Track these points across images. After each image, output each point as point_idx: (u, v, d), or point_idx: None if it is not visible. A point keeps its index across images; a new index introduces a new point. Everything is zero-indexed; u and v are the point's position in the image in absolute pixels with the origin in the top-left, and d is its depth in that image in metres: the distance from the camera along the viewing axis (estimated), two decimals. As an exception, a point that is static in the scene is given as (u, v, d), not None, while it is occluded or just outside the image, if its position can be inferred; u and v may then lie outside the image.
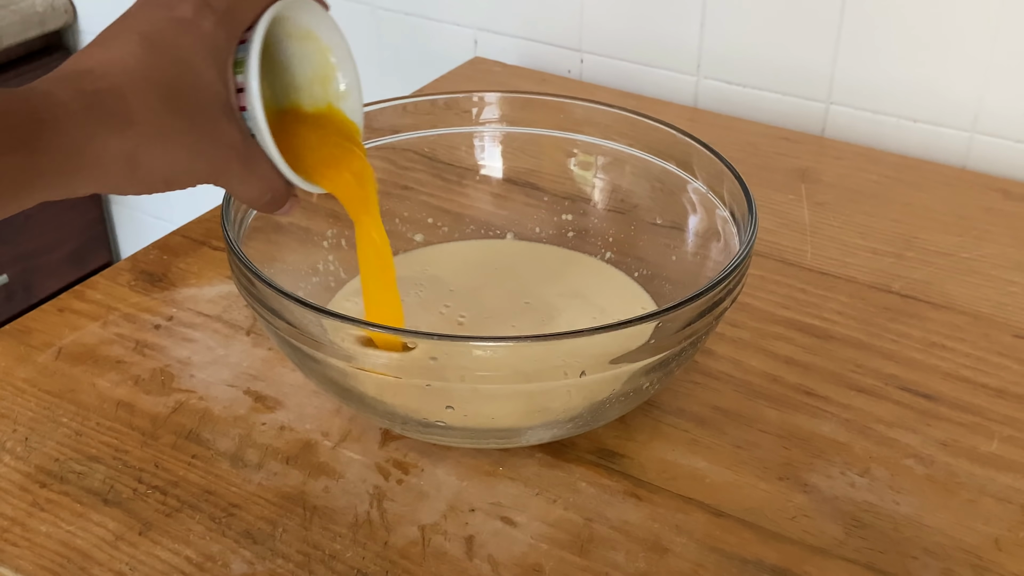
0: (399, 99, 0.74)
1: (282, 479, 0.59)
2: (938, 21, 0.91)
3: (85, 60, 0.49)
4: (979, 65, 0.91)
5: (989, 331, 0.71)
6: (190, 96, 0.50)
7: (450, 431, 0.59)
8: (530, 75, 1.08)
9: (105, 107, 0.47)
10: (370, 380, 0.58)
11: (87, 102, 0.47)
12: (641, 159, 0.72)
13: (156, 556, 0.55)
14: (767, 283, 0.75)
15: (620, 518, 0.57)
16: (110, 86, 0.47)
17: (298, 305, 0.54)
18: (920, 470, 0.61)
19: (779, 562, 0.55)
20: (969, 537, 0.57)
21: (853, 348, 0.69)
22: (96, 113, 0.47)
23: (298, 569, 0.54)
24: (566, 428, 0.59)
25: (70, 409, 0.64)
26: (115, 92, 0.47)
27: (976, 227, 0.83)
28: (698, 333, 0.57)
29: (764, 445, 0.62)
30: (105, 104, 0.47)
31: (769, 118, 1.01)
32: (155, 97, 0.48)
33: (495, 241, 0.77)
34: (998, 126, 0.92)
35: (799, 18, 0.97)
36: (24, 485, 0.59)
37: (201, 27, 0.50)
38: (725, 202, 0.66)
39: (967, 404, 0.65)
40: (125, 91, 0.48)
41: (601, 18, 1.07)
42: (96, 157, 0.47)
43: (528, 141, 0.76)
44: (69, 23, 1.43)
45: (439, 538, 0.56)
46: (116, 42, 0.49)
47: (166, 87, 0.49)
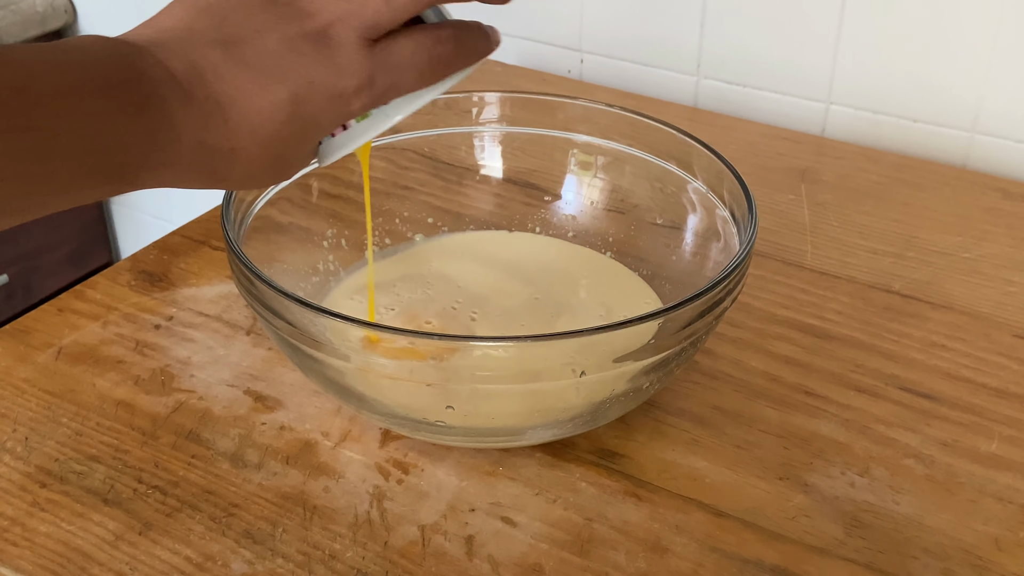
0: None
1: (282, 479, 0.59)
2: (938, 21, 0.91)
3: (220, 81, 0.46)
4: (979, 65, 0.91)
5: (989, 331, 0.71)
6: (293, 162, 0.50)
7: (450, 431, 0.59)
8: (530, 75, 1.08)
9: (213, 163, 0.47)
10: (370, 380, 0.58)
11: (201, 149, 0.46)
12: (641, 159, 0.72)
13: (156, 556, 0.55)
14: (767, 283, 0.75)
15: (620, 518, 0.57)
16: (231, 146, 0.46)
17: (298, 305, 0.54)
18: (920, 470, 0.61)
19: (779, 562, 0.55)
20: (969, 537, 0.57)
21: (853, 348, 0.69)
22: (203, 164, 0.46)
23: (298, 569, 0.54)
24: (566, 428, 0.59)
25: (70, 409, 0.64)
26: (231, 155, 0.47)
27: (976, 227, 0.83)
28: (698, 333, 0.57)
29: (764, 445, 0.62)
30: (214, 161, 0.47)
31: (769, 118, 1.01)
32: (261, 162, 0.48)
33: (496, 233, 0.76)
34: (998, 126, 0.92)
35: (799, 18, 0.97)
36: (24, 485, 0.59)
37: (351, 107, 0.49)
38: (725, 202, 0.66)
39: (967, 404, 0.65)
40: (237, 152, 0.47)
41: (601, 18, 1.07)
42: (178, 182, 0.47)
43: (528, 141, 0.76)
44: (69, 23, 1.43)
45: (439, 538, 0.56)
46: (262, 79, 0.47)
47: (277, 157, 0.48)
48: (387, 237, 0.75)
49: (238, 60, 0.46)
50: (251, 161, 0.48)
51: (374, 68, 0.48)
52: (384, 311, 0.68)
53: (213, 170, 0.47)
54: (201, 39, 0.46)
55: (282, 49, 0.47)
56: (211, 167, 0.47)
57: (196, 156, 0.46)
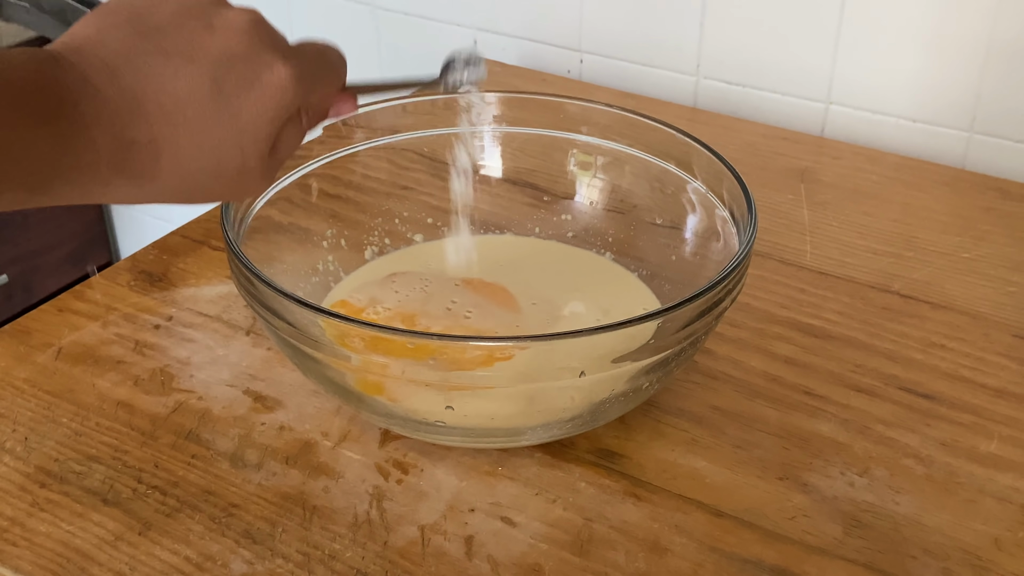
0: (399, 99, 0.74)
1: (282, 479, 0.59)
2: (938, 21, 0.91)
3: (139, 65, 0.44)
4: (978, 65, 0.91)
5: (989, 331, 0.71)
6: (231, 174, 0.47)
7: (450, 431, 0.59)
8: (530, 75, 1.08)
9: (135, 159, 0.44)
10: (370, 380, 0.58)
11: (119, 146, 0.44)
12: (641, 159, 0.72)
13: (156, 556, 0.55)
14: (767, 283, 0.75)
15: (620, 518, 0.57)
16: (150, 137, 0.44)
17: (298, 305, 0.54)
18: (920, 470, 0.61)
19: (779, 562, 0.55)
20: (969, 537, 0.57)
21: (853, 348, 0.69)
22: (125, 162, 0.44)
23: (298, 569, 0.54)
24: (566, 428, 0.59)
25: (70, 409, 0.64)
26: (151, 146, 0.45)
27: (975, 227, 0.83)
28: (698, 333, 0.57)
29: (764, 445, 0.62)
30: (136, 157, 0.45)
31: (769, 118, 1.01)
32: (190, 154, 0.46)
33: (496, 236, 0.76)
34: (997, 126, 0.92)
35: (799, 18, 0.97)
36: (24, 485, 0.59)
37: (283, 99, 0.47)
38: (725, 202, 0.66)
39: (967, 404, 0.65)
40: (159, 143, 0.45)
41: (601, 18, 1.07)
42: (107, 191, 0.45)
43: (528, 141, 0.76)
44: (69, 23, 1.42)
45: (439, 538, 0.56)
46: (178, 66, 0.45)
47: (211, 149, 0.46)
48: (387, 237, 0.75)
49: (153, 49, 0.45)
50: (178, 153, 0.45)
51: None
52: (381, 311, 0.68)
53: (138, 170, 0.45)
54: (115, 36, 0.45)
55: (200, 30, 0.46)
56: (134, 165, 0.45)
57: (116, 155, 0.44)
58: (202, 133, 0.46)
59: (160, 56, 0.45)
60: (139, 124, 0.44)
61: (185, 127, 0.45)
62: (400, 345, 0.55)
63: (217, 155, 0.47)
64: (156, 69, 0.45)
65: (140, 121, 0.44)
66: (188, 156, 0.46)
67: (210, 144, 0.46)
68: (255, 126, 0.47)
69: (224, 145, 0.47)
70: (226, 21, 0.47)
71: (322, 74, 0.52)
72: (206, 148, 0.46)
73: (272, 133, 0.48)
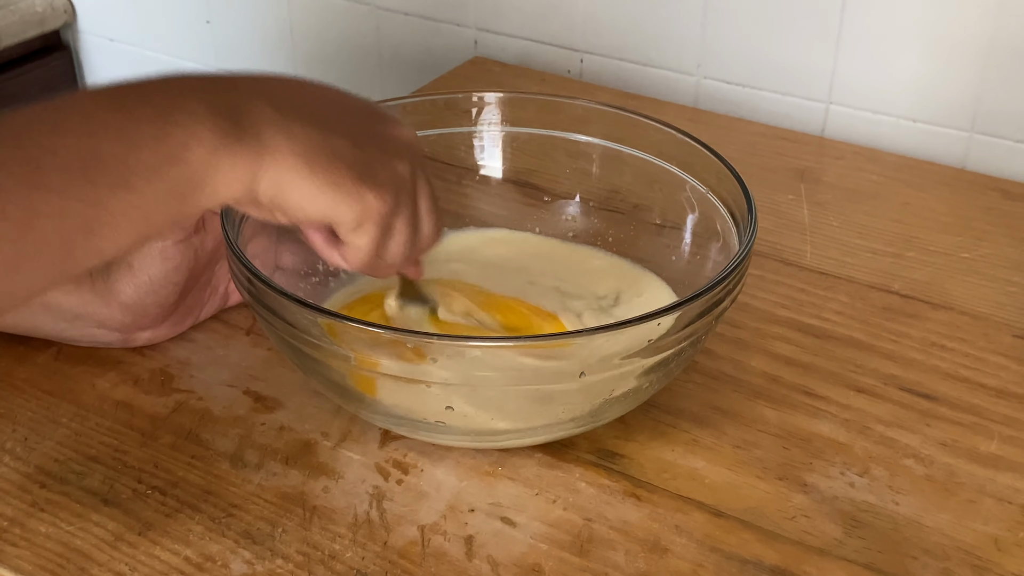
0: (399, 99, 0.74)
1: (282, 479, 0.59)
2: (938, 21, 0.91)
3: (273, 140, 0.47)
4: (978, 65, 0.91)
5: (989, 331, 0.71)
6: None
7: (450, 431, 0.59)
8: (530, 75, 1.08)
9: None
10: (370, 380, 0.58)
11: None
12: (641, 159, 0.72)
13: (156, 556, 0.55)
14: (767, 283, 0.75)
15: (620, 518, 0.57)
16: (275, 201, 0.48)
17: (298, 305, 0.54)
18: (920, 470, 0.61)
19: (778, 562, 0.55)
20: (969, 537, 0.57)
21: (853, 348, 0.69)
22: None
23: (298, 569, 0.54)
24: (566, 428, 0.59)
25: (70, 409, 0.64)
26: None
27: (975, 227, 0.83)
28: (698, 333, 0.57)
29: (763, 445, 0.62)
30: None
31: (769, 118, 1.01)
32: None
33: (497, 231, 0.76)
34: (997, 126, 0.92)
35: (799, 18, 0.97)
36: (24, 485, 0.59)
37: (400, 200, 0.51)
38: (725, 202, 0.66)
39: (967, 404, 0.65)
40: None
41: (601, 18, 1.07)
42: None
43: (528, 141, 0.76)
44: (69, 23, 1.42)
45: (439, 538, 0.56)
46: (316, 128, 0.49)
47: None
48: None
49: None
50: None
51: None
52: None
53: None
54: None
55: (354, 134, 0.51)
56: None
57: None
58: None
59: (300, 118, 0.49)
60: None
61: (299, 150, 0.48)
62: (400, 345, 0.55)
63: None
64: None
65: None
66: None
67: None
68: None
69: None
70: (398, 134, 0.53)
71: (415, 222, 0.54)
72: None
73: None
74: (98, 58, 1.45)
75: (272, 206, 0.49)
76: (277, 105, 0.48)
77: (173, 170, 0.44)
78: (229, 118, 0.46)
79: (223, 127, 0.45)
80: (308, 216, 0.49)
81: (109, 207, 0.42)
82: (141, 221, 0.44)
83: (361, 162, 0.49)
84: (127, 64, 1.43)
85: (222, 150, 0.45)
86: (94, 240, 0.42)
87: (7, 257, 0.40)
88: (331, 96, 0.53)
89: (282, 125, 0.47)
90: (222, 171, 0.45)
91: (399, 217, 0.52)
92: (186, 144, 0.44)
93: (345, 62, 1.22)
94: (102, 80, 1.53)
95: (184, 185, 0.44)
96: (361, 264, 0.53)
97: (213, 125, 0.45)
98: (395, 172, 0.51)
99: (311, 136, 0.48)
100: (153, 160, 0.43)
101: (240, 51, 1.32)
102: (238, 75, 0.49)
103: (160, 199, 0.44)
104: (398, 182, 0.51)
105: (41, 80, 1.41)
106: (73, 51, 1.45)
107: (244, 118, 0.46)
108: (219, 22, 1.32)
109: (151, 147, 0.43)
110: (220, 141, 0.45)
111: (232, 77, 0.49)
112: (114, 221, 0.43)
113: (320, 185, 0.48)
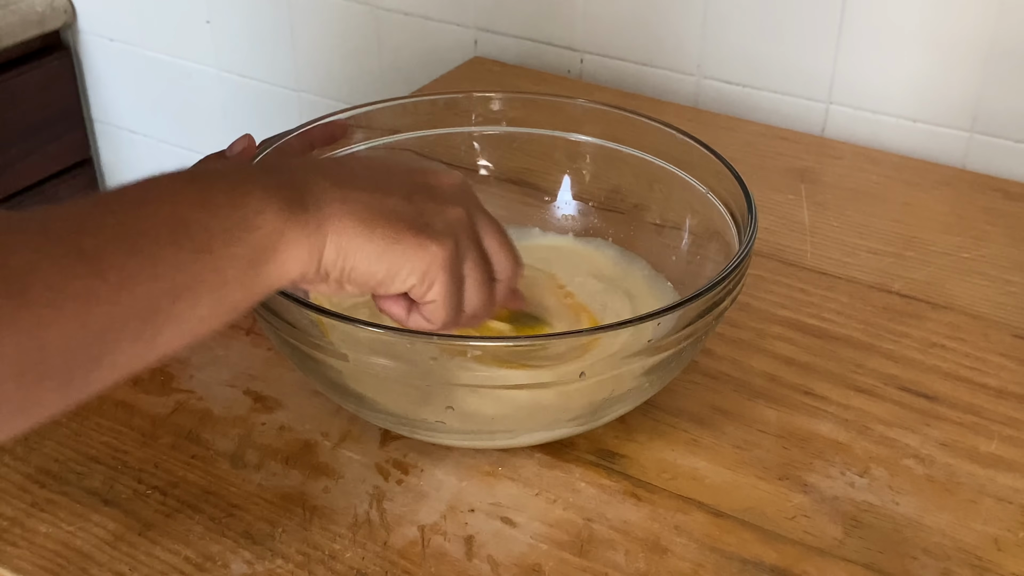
0: (399, 99, 0.74)
1: (282, 479, 0.59)
2: (938, 21, 0.91)
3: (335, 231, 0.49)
4: (978, 65, 0.91)
5: (989, 331, 0.71)
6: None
7: (450, 431, 0.59)
8: (530, 75, 1.08)
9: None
10: (370, 380, 0.58)
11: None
12: (641, 159, 0.72)
13: (156, 556, 0.55)
14: (767, 283, 0.75)
15: (620, 518, 0.57)
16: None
17: (298, 305, 0.54)
18: (920, 470, 0.61)
19: (778, 562, 0.55)
20: (969, 537, 0.57)
21: (853, 348, 0.69)
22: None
23: (297, 569, 0.54)
24: (566, 428, 0.59)
25: (69, 409, 0.64)
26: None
27: (976, 227, 0.83)
28: (698, 333, 0.57)
29: (764, 445, 0.62)
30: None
31: (769, 118, 1.01)
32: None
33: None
34: (997, 126, 0.92)
35: (799, 18, 0.97)
36: (23, 485, 0.59)
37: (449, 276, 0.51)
38: (725, 202, 0.66)
39: (967, 404, 0.65)
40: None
41: (601, 18, 1.07)
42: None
43: (528, 141, 0.76)
44: (69, 23, 1.43)
45: (439, 538, 0.56)
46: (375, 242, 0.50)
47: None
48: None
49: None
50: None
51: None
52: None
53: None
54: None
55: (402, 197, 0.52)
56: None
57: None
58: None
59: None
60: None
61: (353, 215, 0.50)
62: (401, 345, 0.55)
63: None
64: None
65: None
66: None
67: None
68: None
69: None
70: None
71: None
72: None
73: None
74: (98, 58, 1.45)
75: (340, 275, 0.50)
76: (332, 178, 0.50)
77: (248, 236, 0.46)
78: (294, 190, 0.48)
79: (290, 198, 0.47)
80: (376, 278, 0.50)
81: (192, 271, 0.44)
82: (218, 287, 0.46)
83: (416, 216, 0.51)
84: (127, 64, 1.43)
85: (290, 220, 0.47)
86: (176, 306, 0.44)
87: (101, 318, 0.42)
88: (376, 163, 0.56)
89: (339, 195, 0.49)
90: (290, 241, 0.47)
91: (466, 262, 0.53)
92: (260, 211, 0.46)
93: (345, 62, 1.22)
94: (102, 80, 1.53)
95: (257, 252, 0.46)
96: (445, 318, 0.53)
97: (281, 197, 0.47)
98: (450, 218, 0.52)
99: (366, 200, 0.50)
100: (230, 224, 0.45)
101: (240, 51, 1.32)
102: (294, 161, 0.53)
103: (236, 264, 0.46)
104: (456, 227, 0.52)
105: (41, 80, 1.41)
106: (73, 51, 1.46)
107: (307, 192, 0.48)
108: (219, 22, 1.32)
109: (227, 214, 0.46)
110: (288, 211, 0.47)
111: (289, 161, 0.52)
112: (194, 286, 0.45)
113: (381, 244, 0.50)
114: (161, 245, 0.43)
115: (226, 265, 0.45)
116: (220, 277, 0.45)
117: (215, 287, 0.45)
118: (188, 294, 0.44)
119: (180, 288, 0.44)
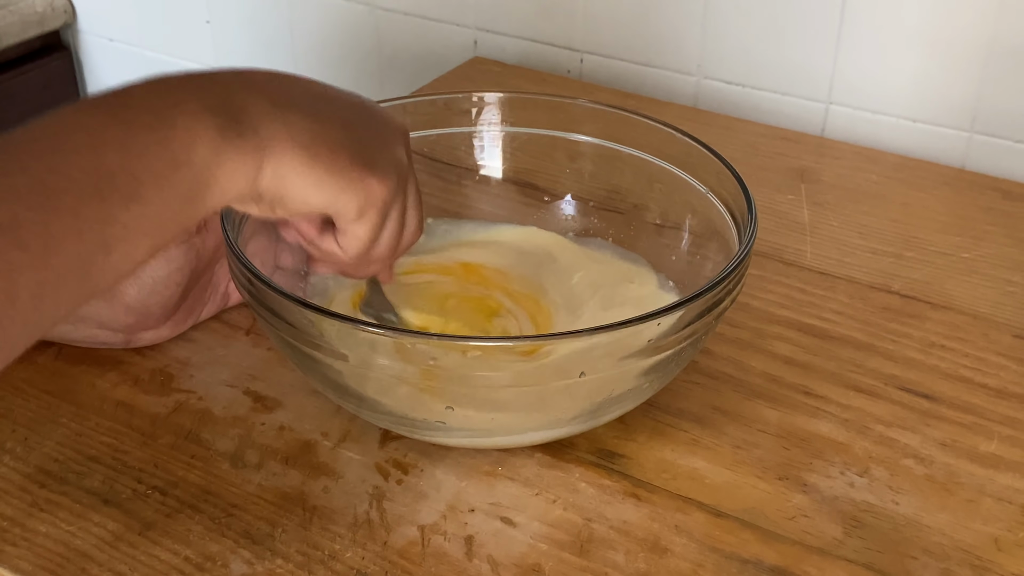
0: (399, 99, 0.74)
1: (282, 479, 0.59)
2: (938, 21, 0.91)
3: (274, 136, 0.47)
4: (978, 65, 0.91)
5: (989, 331, 0.71)
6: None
7: (450, 431, 0.59)
8: (530, 75, 1.08)
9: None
10: (369, 380, 0.58)
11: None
12: (641, 159, 0.72)
13: (156, 556, 0.55)
14: (767, 283, 0.75)
15: (620, 518, 0.57)
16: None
17: (298, 305, 0.54)
18: (919, 470, 0.61)
19: (778, 562, 0.55)
20: (968, 537, 0.57)
21: (853, 348, 0.69)
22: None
23: (297, 569, 0.54)
24: (566, 428, 0.59)
25: (70, 409, 0.64)
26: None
27: (975, 227, 0.83)
28: (698, 333, 0.57)
29: (763, 445, 0.62)
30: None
31: (769, 118, 1.01)
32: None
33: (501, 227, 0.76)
34: (997, 126, 0.92)
35: (799, 18, 0.97)
36: (23, 485, 0.59)
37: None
38: (725, 202, 0.66)
39: (967, 404, 0.65)
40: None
41: (601, 18, 1.07)
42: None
43: (528, 141, 0.76)
44: (69, 23, 1.42)
45: (438, 538, 0.56)
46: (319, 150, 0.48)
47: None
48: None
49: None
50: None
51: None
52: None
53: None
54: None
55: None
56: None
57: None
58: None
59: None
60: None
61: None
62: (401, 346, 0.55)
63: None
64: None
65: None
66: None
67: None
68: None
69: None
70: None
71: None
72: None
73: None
74: (98, 58, 1.45)
75: (273, 200, 0.48)
76: (271, 99, 0.47)
77: (179, 174, 0.43)
78: (226, 115, 0.45)
79: (222, 125, 0.45)
80: (311, 206, 0.49)
81: (123, 222, 0.42)
82: (154, 231, 0.43)
83: (359, 148, 0.49)
84: (127, 64, 1.43)
85: (224, 148, 0.45)
86: (112, 258, 0.42)
87: (31, 287, 0.39)
88: (319, 88, 0.53)
89: (279, 117, 0.47)
90: (227, 169, 0.45)
91: (395, 206, 0.51)
92: (189, 146, 0.44)
93: (345, 62, 1.22)
94: (102, 80, 1.53)
95: (192, 188, 0.44)
96: (359, 253, 0.52)
97: (212, 124, 0.44)
98: (394, 157, 0.51)
99: (309, 126, 0.48)
100: (159, 167, 0.43)
101: (240, 51, 1.32)
102: (226, 71, 0.49)
103: (170, 206, 0.43)
104: (398, 168, 0.51)
105: (41, 80, 1.41)
106: (73, 51, 1.45)
107: (241, 114, 0.46)
108: (219, 22, 1.32)
109: (155, 154, 0.43)
110: (221, 139, 0.45)
111: (220, 73, 0.48)
112: (129, 236, 0.42)
113: (323, 174, 0.48)
114: (84, 201, 0.41)
115: (159, 210, 0.43)
116: (154, 223, 0.43)
117: (151, 231, 0.43)
118: (122, 244, 0.42)
119: (113, 240, 0.42)
